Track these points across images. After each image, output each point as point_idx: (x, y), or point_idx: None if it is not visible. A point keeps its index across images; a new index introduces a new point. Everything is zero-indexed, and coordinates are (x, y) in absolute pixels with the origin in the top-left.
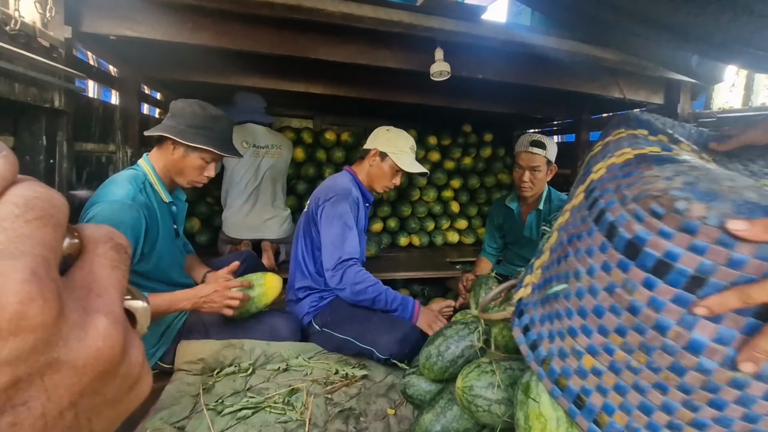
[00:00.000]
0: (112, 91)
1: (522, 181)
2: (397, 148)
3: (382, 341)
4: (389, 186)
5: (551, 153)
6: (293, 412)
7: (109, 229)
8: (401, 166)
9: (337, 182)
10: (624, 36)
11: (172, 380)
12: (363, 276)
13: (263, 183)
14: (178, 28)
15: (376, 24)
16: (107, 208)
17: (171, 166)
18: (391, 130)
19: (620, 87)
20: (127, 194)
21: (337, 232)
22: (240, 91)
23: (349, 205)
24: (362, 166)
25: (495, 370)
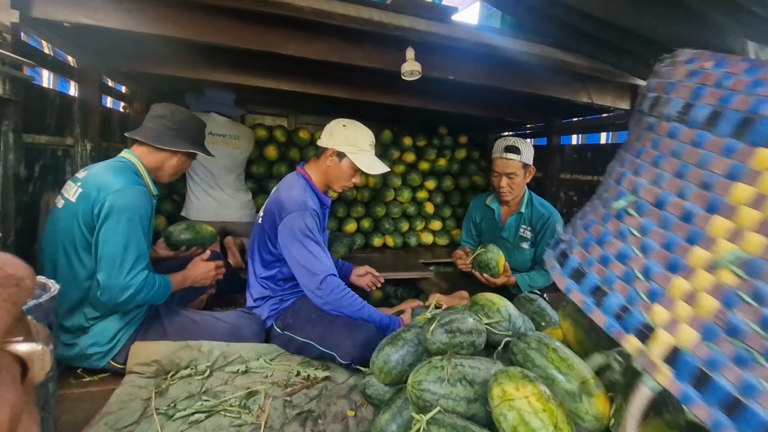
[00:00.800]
0: (70, 82)
1: (500, 186)
2: (356, 146)
3: (344, 345)
4: (348, 185)
5: (526, 157)
6: (249, 415)
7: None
8: (362, 167)
9: (290, 195)
10: (592, 42)
11: (122, 383)
12: (347, 301)
13: (219, 172)
14: (138, 18)
15: (346, 21)
16: (127, 194)
17: (153, 164)
18: (348, 126)
19: (588, 92)
20: (137, 181)
21: (306, 252)
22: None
23: (309, 219)
24: (318, 165)
25: (446, 366)
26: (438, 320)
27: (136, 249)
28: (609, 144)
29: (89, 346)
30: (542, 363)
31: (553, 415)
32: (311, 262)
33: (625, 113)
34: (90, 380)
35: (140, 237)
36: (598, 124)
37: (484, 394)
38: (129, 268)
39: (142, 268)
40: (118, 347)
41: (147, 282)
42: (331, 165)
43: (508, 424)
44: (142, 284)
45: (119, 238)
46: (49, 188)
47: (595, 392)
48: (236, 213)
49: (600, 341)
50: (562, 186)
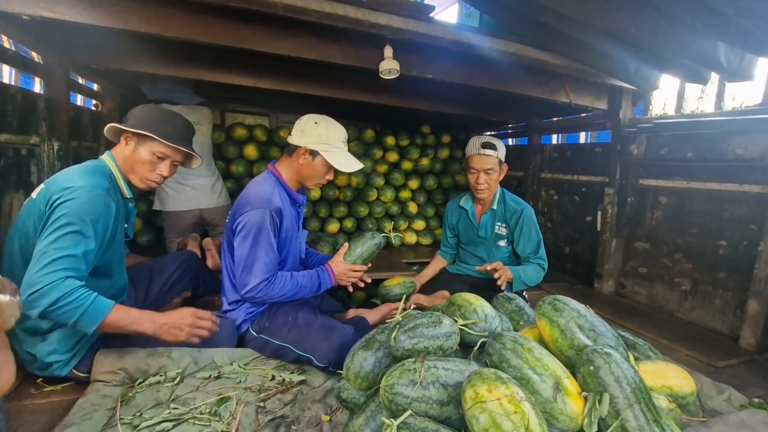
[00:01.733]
0: (35, 78)
1: (478, 183)
2: (330, 144)
3: (321, 349)
4: (322, 182)
5: (502, 153)
6: (219, 422)
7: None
8: (336, 165)
9: (256, 190)
10: (568, 42)
11: (86, 393)
12: (271, 293)
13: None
14: (102, 11)
15: (320, 17)
16: (84, 194)
17: (124, 162)
18: (321, 123)
19: (567, 92)
20: (101, 184)
21: (248, 251)
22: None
23: (265, 218)
24: (290, 163)
25: (418, 368)
26: (400, 325)
27: (65, 249)
28: (588, 143)
29: (48, 354)
30: (517, 363)
31: (524, 418)
32: (249, 263)
33: (603, 113)
34: (52, 390)
35: (77, 239)
36: (577, 123)
37: (457, 397)
38: (45, 264)
39: (61, 268)
40: (80, 355)
41: (61, 288)
42: (304, 163)
43: (480, 427)
44: (52, 287)
45: (51, 235)
46: (12, 188)
47: (570, 392)
48: (212, 198)
49: (575, 339)
50: (543, 185)
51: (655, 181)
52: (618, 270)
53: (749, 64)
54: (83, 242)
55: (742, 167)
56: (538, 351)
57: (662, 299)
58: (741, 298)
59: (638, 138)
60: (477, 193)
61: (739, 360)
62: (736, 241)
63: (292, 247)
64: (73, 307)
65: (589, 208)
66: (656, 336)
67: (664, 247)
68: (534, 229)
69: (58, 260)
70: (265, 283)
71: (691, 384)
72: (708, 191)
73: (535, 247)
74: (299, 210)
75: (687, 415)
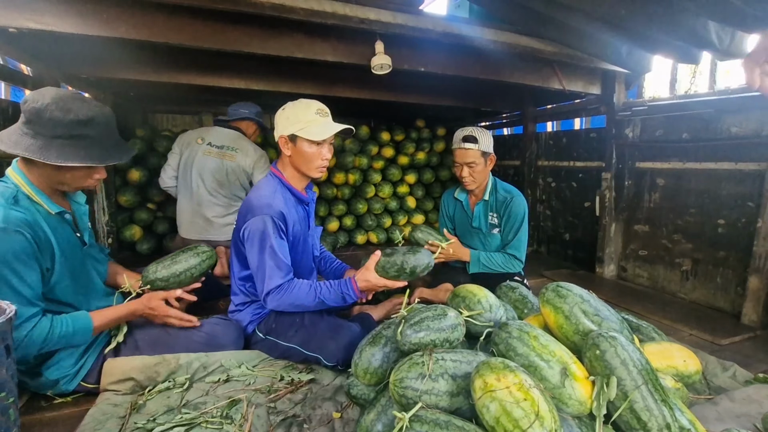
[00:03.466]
0: (25, 91)
1: (462, 176)
2: (302, 121)
3: (329, 348)
4: (322, 165)
5: (485, 145)
6: (231, 425)
7: None
8: (314, 137)
9: (257, 195)
10: (558, 27)
11: (96, 403)
12: (288, 300)
13: (209, 183)
14: (90, 20)
15: (308, 15)
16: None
17: (47, 179)
18: (287, 107)
19: (559, 78)
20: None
21: (256, 259)
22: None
23: (267, 223)
24: (282, 161)
25: (426, 361)
26: (406, 320)
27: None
28: (583, 129)
29: (54, 371)
30: (524, 351)
31: (534, 404)
32: (262, 270)
33: (596, 98)
34: (62, 402)
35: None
36: (571, 109)
37: (466, 387)
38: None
39: (20, 322)
40: (86, 368)
41: (35, 338)
42: (291, 152)
43: (491, 416)
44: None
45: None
46: None
47: (578, 376)
48: (223, 232)
49: (579, 325)
50: (540, 172)
51: (651, 163)
52: (619, 254)
53: (740, 42)
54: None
55: (738, 145)
56: (544, 338)
57: (664, 280)
58: (741, 276)
59: (633, 121)
60: (464, 186)
61: (742, 337)
62: (734, 219)
63: (303, 248)
64: (63, 341)
65: (588, 193)
66: (659, 317)
67: (664, 229)
68: (518, 220)
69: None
70: (276, 290)
71: (696, 363)
72: (704, 171)
73: (511, 237)
74: (308, 208)
75: (693, 394)
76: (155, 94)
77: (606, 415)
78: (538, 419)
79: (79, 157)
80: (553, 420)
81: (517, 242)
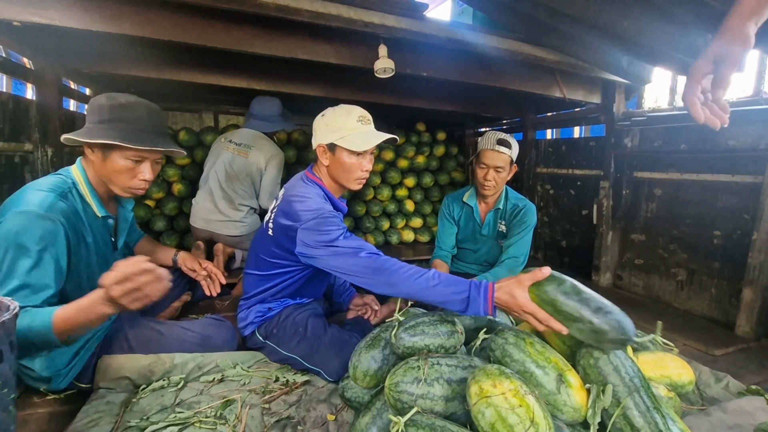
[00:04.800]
0: (26, 84)
1: (486, 179)
2: (342, 129)
3: (332, 365)
4: (363, 176)
5: (515, 152)
6: (225, 425)
7: None
8: (355, 148)
9: (305, 204)
10: (560, 36)
11: (89, 400)
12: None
13: (221, 176)
14: (94, 15)
15: (313, 17)
16: (14, 220)
17: (99, 174)
18: (327, 113)
19: (560, 86)
20: (42, 202)
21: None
22: (257, 96)
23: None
24: (320, 169)
25: (422, 366)
26: (401, 324)
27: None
28: (582, 137)
29: (45, 368)
30: (520, 357)
31: (529, 410)
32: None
33: (596, 107)
34: (55, 398)
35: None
36: (571, 118)
37: (462, 392)
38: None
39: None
40: (78, 366)
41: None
42: (329, 163)
43: (486, 422)
44: None
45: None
46: (5, 197)
47: (573, 384)
48: (227, 228)
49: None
50: (539, 179)
51: (649, 173)
52: (615, 262)
53: None
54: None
55: (735, 158)
56: (540, 344)
57: (659, 290)
58: (736, 287)
59: (632, 131)
60: (483, 190)
61: (736, 348)
62: (729, 231)
63: None
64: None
65: (585, 201)
66: (654, 327)
67: (660, 239)
68: (525, 228)
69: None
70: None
71: (689, 373)
72: (701, 182)
73: (515, 241)
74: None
75: (686, 404)
76: (156, 91)
77: (600, 424)
78: (533, 425)
79: (110, 136)
80: (548, 427)
81: (519, 246)
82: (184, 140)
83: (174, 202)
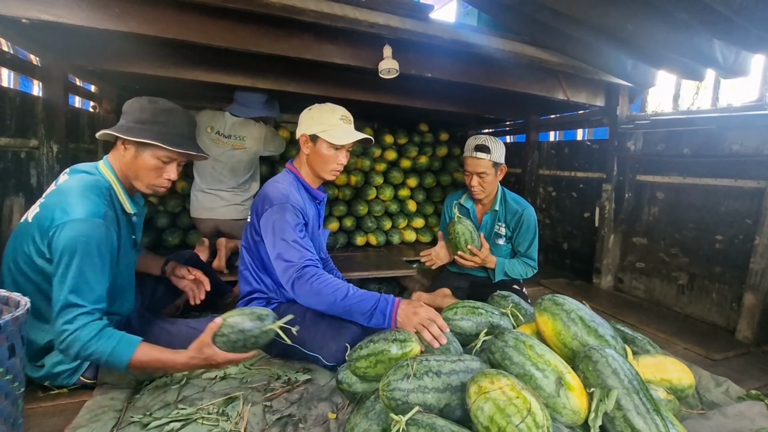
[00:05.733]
0: (33, 81)
1: (471, 185)
2: (326, 124)
3: (329, 348)
4: (337, 169)
5: (497, 155)
6: (227, 422)
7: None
8: (334, 141)
9: (274, 187)
10: (564, 39)
11: (93, 395)
12: (318, 286)
13: (219, 170)
14: (101, 13)
15: (318, 17)
16: (77, 228)
17: (126, 170)
18: (313, 108)
19: (564, 89)
20: (98, 210)
21: (272, 243)
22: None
23: (288, 213)
24: (300, 158)
25: (410, 363)
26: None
27: (74, 291)
28: (585, 140)
29: (55, 365)
30: (520, 360)
31: (526, 402)
32: (288, 253)
33: (599, 110)
34: (59, 393)
35: (84, 273)
36: (574, 120)
37: (451, 384)
38: (59, 311)
39: (74, 315)
40: (86, 363)
41: (80, 339)
42: (309, 152)
43: (485, 416)
44: (73, 340)
45: (60, 276)
46: (12, 192)
47: (573, 386)
48: (231, 212)
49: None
50: (541, 181)
51: (652, 176)
52: (616, 265)
53: (745, 61)
54: (91, 273)
55: (738, 162)
56: (540, 347)
57: (660, 293)
58: (737, 292)
59: (635, 134)
60: (473, 194)
61: (736, 352)
62: (731, 236)
63: (316, 243)
64: (97, 355)
65: (587, 204)
66: (654, 330)
67: (662, 242)
68: (531, 231)
69: (70, 307)
70: (313, 267)
71: (689, 377)
72: (704, 186)
73: (526, 247)
74: (320, 207)
75: (686, 408)
76: (160, 87)
77: (601, 427)
78: (530, 414)
79: (152, 137)
80: (545, 418)
81: (532, 252)
82: None
83: (177, 199)
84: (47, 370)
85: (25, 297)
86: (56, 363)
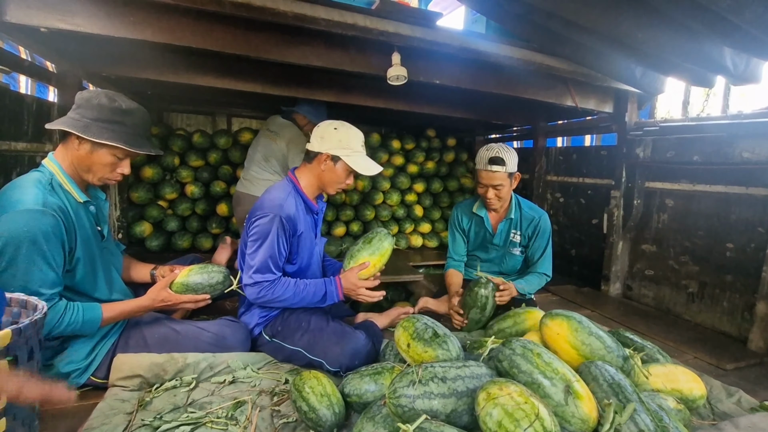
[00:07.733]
0: (49, 87)
1: (487, 197)
2: (350, 149)
3: (333, 353)
4: (342, 187)
5: (511, 166)
6: (236, 426)
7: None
8: (358, 169)
9: (270, 197)
10: (574, 47)
11: (105, 397)
12: (272, 296)
13: (259, 156)
14: (117, 22)
15: (330, 26)
16: (18, 218)
17: (78, 163)
18: (340, 129)
19: (573, 95)
20: (36, 199)
21: (257, 251)
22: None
23: (274, 222)
24: (310, 170)
25: (415, 370)
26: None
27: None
28: (593, 146)
29: (65, 364)
30: (527, 368)
31: (534, 407)
32: (251, 266)
33: (608, 116)
34: None
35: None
36: (582, 126)
37: (457, 389)
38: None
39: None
40: (96, 362)
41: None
42: (326, 169)
43: (494, 421)
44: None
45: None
46: None
47: (581, 394)
48: (257, 189)
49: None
50: (548, 187)
51: (661, 183)
52: (625, 272)
53: (756, 68)
54: (41, 260)
55: (749, 170)
56: (548, 355)
57: (669, 301)
58: (749, 301)
59: (644, 141)
60: (488, 205)
61: (748, 363)
62: (743, 244)
63: (311, 254)
64: (69, 328)
65: (596, 210)
66: (663, 338)
67: (671, 250)
68: (546, 238)
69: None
70: (263, 284)
71: (701, 387)
72: (714, 194)
73: (540, 254)
74: (316, 218)
75: (697, 419)
76: (172, 93)
77: None
78: (538, 419)
79: (113, 138)
80: (553, 423)
81: (546, 260)
82: (198, 142)
83: (187, 203)
84: (57, 370)
85: (42, 301)
86: (66, 362)
